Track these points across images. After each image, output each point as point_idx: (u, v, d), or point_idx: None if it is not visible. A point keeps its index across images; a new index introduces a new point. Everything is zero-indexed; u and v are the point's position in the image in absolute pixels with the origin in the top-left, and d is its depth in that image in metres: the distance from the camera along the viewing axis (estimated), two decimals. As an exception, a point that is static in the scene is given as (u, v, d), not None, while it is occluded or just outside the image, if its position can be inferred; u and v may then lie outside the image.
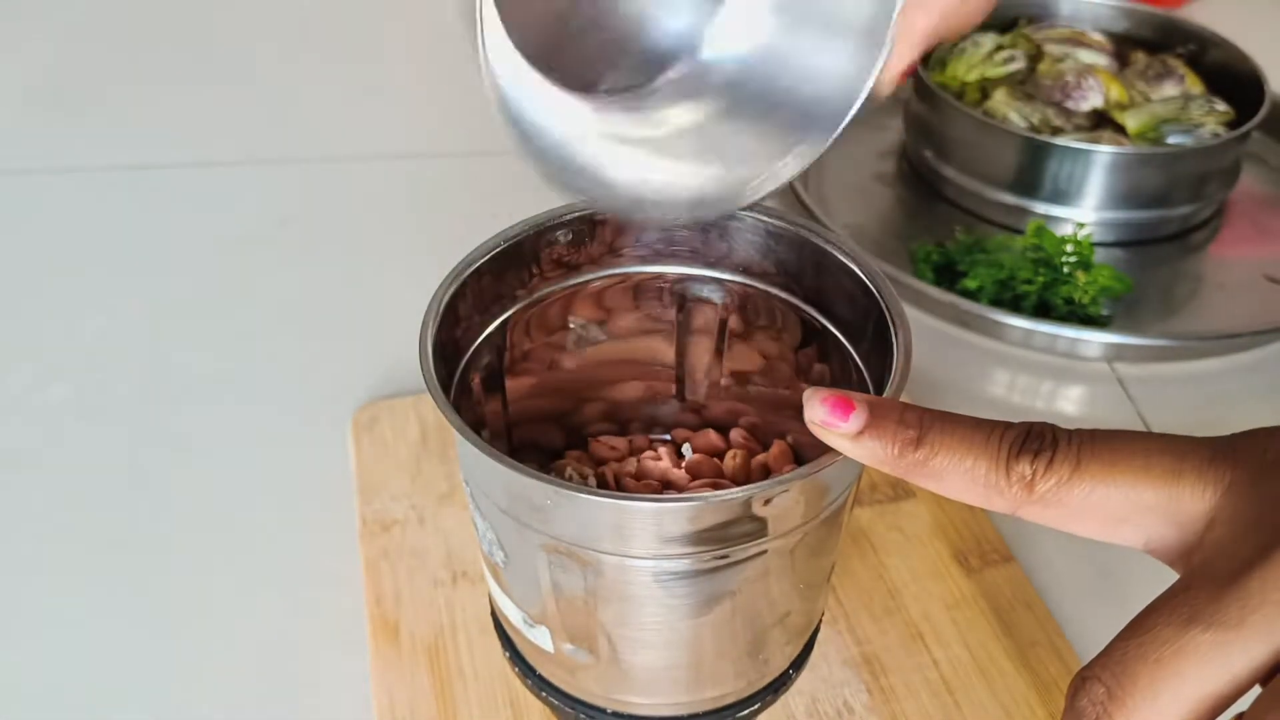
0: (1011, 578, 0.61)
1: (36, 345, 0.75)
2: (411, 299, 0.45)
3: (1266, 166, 0.96)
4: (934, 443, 0.34)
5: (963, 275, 0.79)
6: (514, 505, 0.41)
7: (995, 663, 0.56)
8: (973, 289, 0.77)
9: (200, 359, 0.74)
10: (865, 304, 0.46)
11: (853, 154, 0.96)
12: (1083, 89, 0.87)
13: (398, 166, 0.93)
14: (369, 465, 0.65)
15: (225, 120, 0.98)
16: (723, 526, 0.39)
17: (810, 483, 0.40)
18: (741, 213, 0.49)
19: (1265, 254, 0.87)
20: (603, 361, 0.53)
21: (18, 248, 0.83)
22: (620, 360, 0.54)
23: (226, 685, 0.56)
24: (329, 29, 1.11)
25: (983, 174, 0.86)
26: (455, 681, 0.55)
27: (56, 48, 1.06)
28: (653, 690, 0.45)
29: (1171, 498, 0.32)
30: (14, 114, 0.97)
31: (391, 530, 0.62)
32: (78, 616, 0.59)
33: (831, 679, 0.55)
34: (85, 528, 0.63)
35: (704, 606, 0.42)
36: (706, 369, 0.55)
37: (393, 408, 0.68)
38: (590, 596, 0.42)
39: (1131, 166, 0.82)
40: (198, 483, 0.66)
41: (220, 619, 0.59)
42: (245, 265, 0.82)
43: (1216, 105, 0.86)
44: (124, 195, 0.88)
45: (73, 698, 0.55)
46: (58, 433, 0.69)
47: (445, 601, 0.58)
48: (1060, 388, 0.76)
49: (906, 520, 0.63)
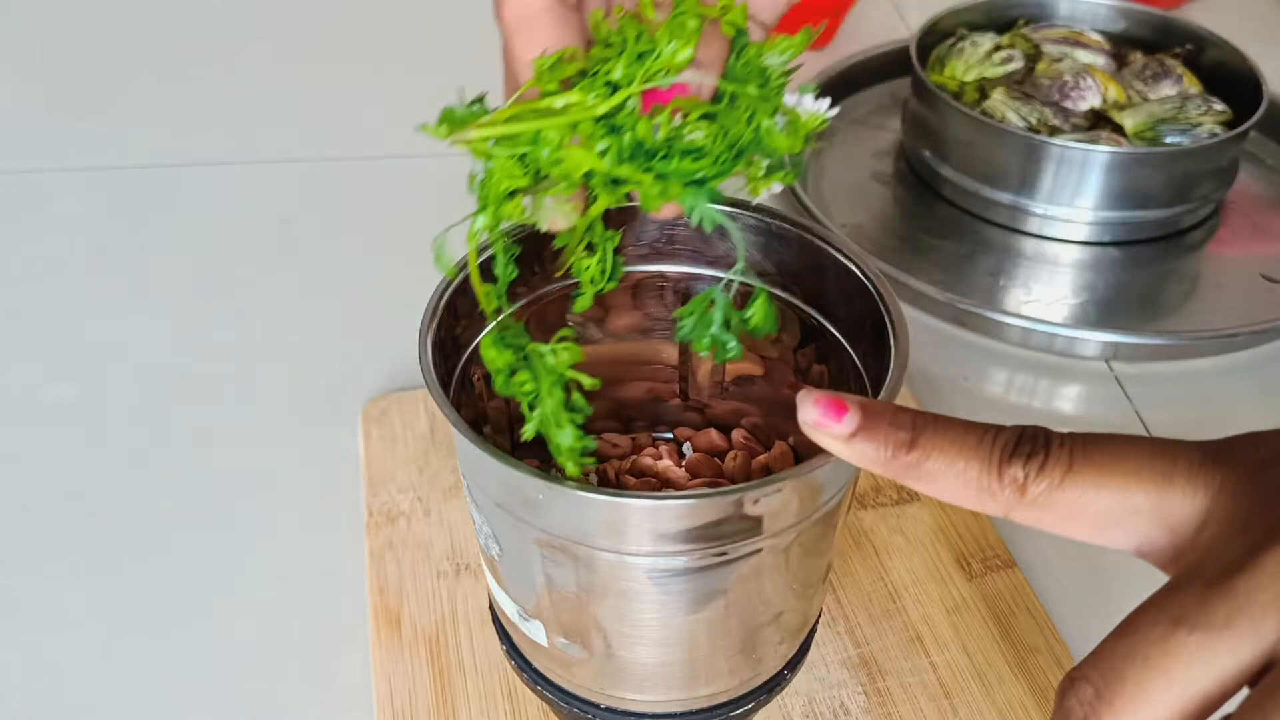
0: (1013, 583, 0.61)
1: (38, 345, 0.75)
2: (418, 295, 0.46)
3: (1264, 166, 0.96)
4: (926, 445, 0.34)
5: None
6: (508, 499, 0.41)
7: (994, 668, 0.56)
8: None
9: (203, 357, 0.74)
10: (864, 304, 0.47)
11: (851, 154, 0.96)
12: (1080, 89, 0.88)
13: (398, 166, 0.93)
14: (377, 457, 0.65)
15: (225, 120, 0.98)
16: (716, 525, 0.39)
17: (803, 482, 0.40)
18: (742, 213, 0.49)
19: (1262, 253, 0.87)
20: (606, 360, 0.54)
21: (18, 248, 0.83)
22: (624, 359, 0.54)
23: (229, 674, 0.56)
24: (329, 29, 1.11)
25: (981, 174, 0.86)
26: (455, 673, 0.55)
27: (56, 48, 1.06)
28: (647, 687, 0.46)
29: (1162, 500, 0.32)
30: (14, 114, 0.97)
31: (397, 522, 0.62)
32: (78, 614, 0.59)
33: (829, 680, 0.56)
34: (88, 525, 0.63)
35: (697, 603, 0.42)
36: (708, 369, 0.55)
37: (403, 401, 0.69)
38: (583, 592, 0.42)
39: (1129, 166, 0.83)
40: (201, 478, 0.66)
41: (223, 611, 0.59)
42: (246, 264, 0.82)
43: (1214, 105, 0.86)
44: (124, 195, 0.88)
45: (72, 697, 0.55)
46: (60, 431, 0.69)
47: (448, 593, 0.59)
48: (1058, 386, 0.76)
49: (909, 523, 0.63)
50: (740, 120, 0.39)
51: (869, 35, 1.10)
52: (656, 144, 0.38)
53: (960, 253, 0.86)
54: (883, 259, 0.83)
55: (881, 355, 0.44)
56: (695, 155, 0.38)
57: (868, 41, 1.07)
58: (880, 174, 0.95)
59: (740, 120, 0.39)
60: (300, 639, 0.58)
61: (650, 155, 0.38)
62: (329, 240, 0.85)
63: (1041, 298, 0.82)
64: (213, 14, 1.13)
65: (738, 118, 0.39)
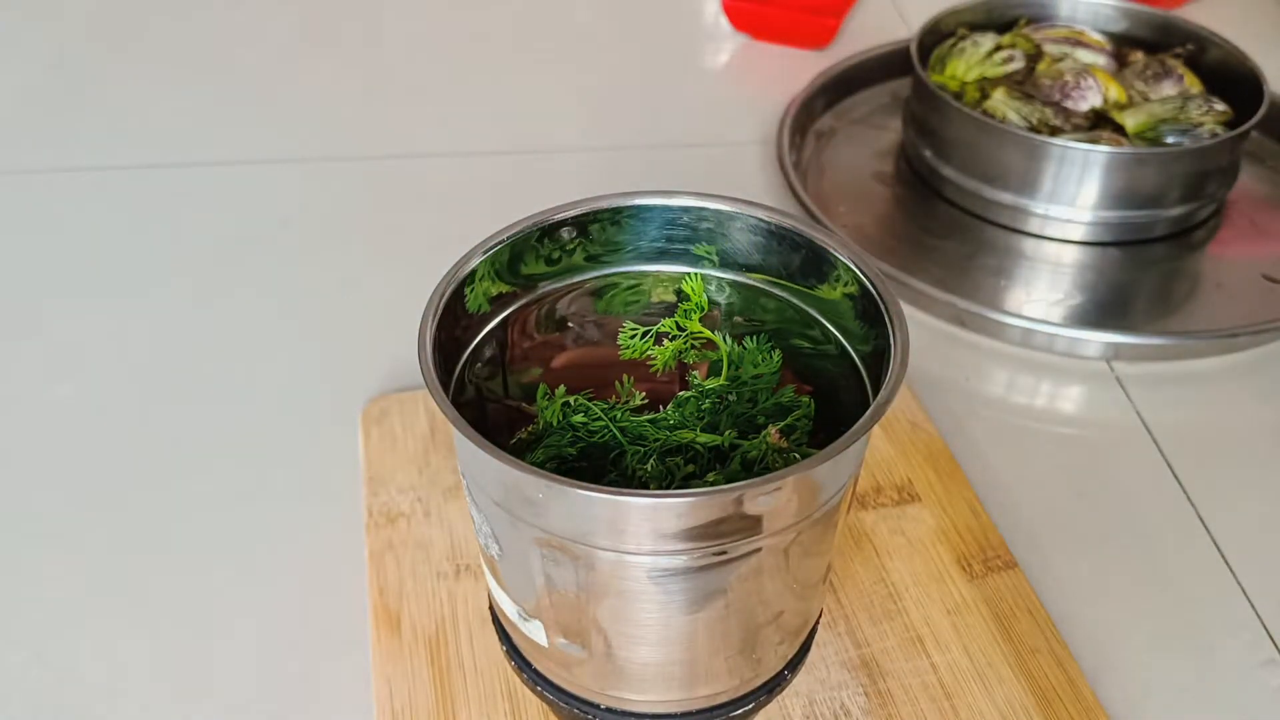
0: (1014, 584, 0.60)
1: (39, 345, 0.75)
2: (418, 295, 0.46)
3: (1265, 166, 0.96)
4: None
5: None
6: (508, 498, 0.41)
7: (994, 669, 0.56)
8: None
9: (202, 357, 0.74)
10: (864, 304, 0.47)
11: (852, 154, 0.96)
12: (1081, 89, 0.88)
13: (398, 166, 0.93)
14: (377, 458, 0.65)
15: (225, 120, 0.98)
16: (715, 523, 0.39)
17: (803, 481, 0.40)
18: (742, 213, 0.49)
19: (1263, 253, 0.87)
20: (606, 361, 0.54)
21: (18, 248, 0.83)
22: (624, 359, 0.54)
23: (229, 674, 0.56)
24: (329, 29, 1.11)
25: (982, 174, 0.86)
26: (455, 673, 0.55)
27: (56, 48, 1.06)
28: (646, 687, 0.46)
29: None
30: (14, 114, 0.97)
31: (397, 522, 0.62)
32: (78, 613, 0.59)
33: (829, 681, 0.56)
34: (88, 525, 0.63)
35: (697, 603, 0.42)
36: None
37: (402, 402, 0.69)
38: (583, 591, 0.42)
39: (1130, 166, 0.83)
40: (201, 478, 0.66)
41: (223, 611, 0.59)
42: (246, 264, 0.82)
43: (1215, 105, 0.86)
44: (124, 195, 0.88)
45: (72, 697, 0.55)
46: (60, 431, 0.69)
47: (448, 594, 0.59)
48: (1059, 387, 0.76)
49: (910, 524, 0.63)
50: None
51: (869, 35, 1.10)
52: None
53: (961, 253, 0.85)
54: (883, 259, 0.83)
55: (881, 355, 0.44)
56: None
57: (868, 41, 1.07)
58: (881, 174, 0.95)
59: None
60: (300, 639, 0.58)
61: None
62: (329, 240, 0.85)
63: (1042, 298, 0.82)
64: (213, 14, 1.13)
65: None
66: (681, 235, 0.51)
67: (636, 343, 0.51)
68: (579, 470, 0.49)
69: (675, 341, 0.51)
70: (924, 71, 0.89)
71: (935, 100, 0.87)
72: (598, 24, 1.14)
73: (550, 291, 0.51)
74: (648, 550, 0.40)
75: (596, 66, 1.07)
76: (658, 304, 0.53)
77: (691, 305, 0.51)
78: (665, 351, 0.51)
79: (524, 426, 0.50)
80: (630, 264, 0.52)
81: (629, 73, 1.07)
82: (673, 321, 0.51)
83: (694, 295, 0.51)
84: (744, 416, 0.50)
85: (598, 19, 1.15)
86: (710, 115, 1.02)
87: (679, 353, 0.51)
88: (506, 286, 0.49)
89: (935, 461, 0.67)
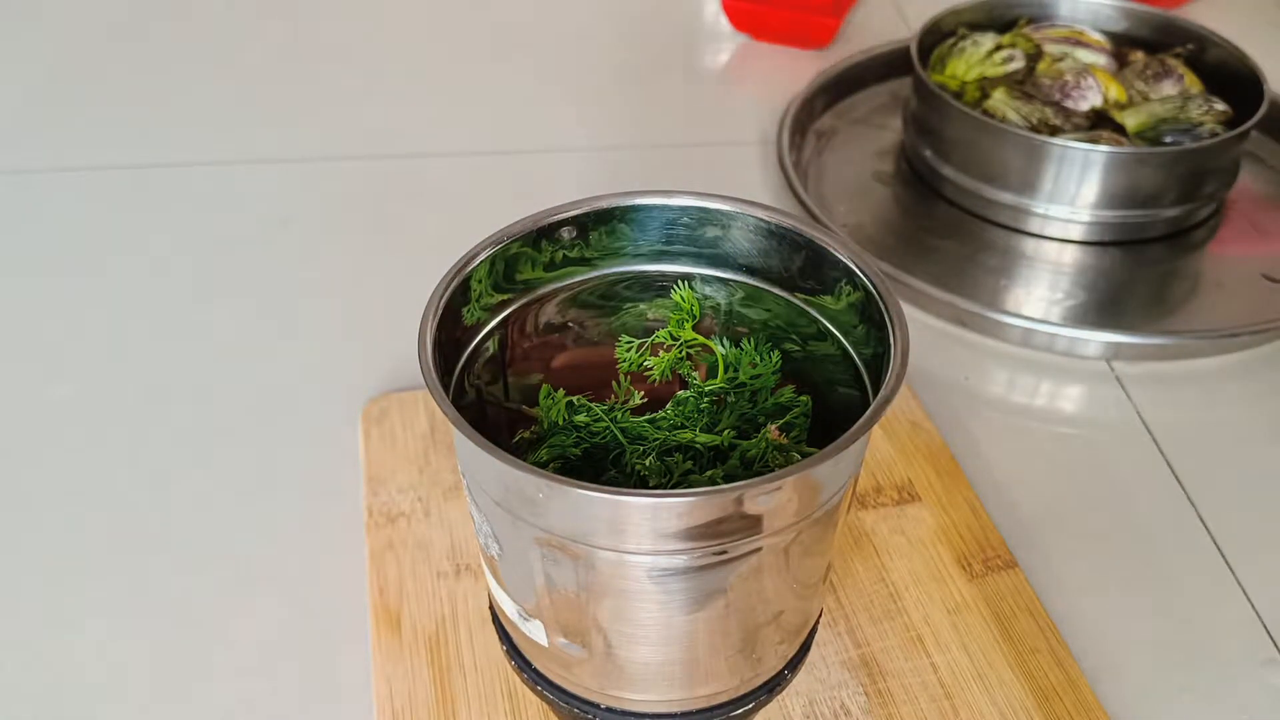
0: (1014, 584, 0.61)
1: (38, 345, 0.75)
2: (418, 295, 0.46)
3: (1265, 166, 0.96)
4: None
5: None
6: (508, 498, 0.41)
7: (994, 668, 0.56)
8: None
9: (202, 357, 0.74)
10: (865, 303, 0.47)
11: (852, 154, 0.96)
12: (1081, 88, 0.88)
13: (398, 166, 0.93)
14: (377, 458, 0.65)
15: (225, 120, 0.98)
16: (715, 523, 0.39)
17: (803, 480, 0.40)
18: (742, 212, 0.49)
19: (1264, 253, 0.87)
20: (605, 361, 0.54)
21: (18, 248, 0.83)
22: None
23: (229, 674, 0.56)
24: (328, 29, 1.11)
25: (982, 173, 0.86)
26: (455, 673, 0.55)
27: (56, 48, 1.06)
28: (647, 686, 0.46)
29: None
30: (14, 114, 0.97)
31: (397, 522, 0.62)
32: (78, 613, 0.59)
33: (829, 681, 0.56)
34: (88, 525, 0.63)
35: (697, 603, 0.42)
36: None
37: (402, 401, 0.69)
38: (583, 591, 0.42)
39: (1130, 166, 0.83)
40: (201, 478, 0.66)
41: (223, 611, 0.59)
42: (246, 264, 0.82)
43: (1215, 104, 0.86)
44: (124, 195, 0.88)
45: (73, 697, 0.55)
46: (60, 431, 0.69)
47: (448, 593, 0.59)
48: (1059, 387, 0.76)
49: (910, 524, 0.63)
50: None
51: (869, 35, 1.10)
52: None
53: (961, 252, 0.85)
54: (883, 259, 0.83)
55: (881, 355, 0.44)
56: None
57: (868, 41, 1.07)
58: (881, 174, 0.95)
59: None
60: (300, 639, 0.58)
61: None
62: (329, 240, 0.85)
63: (1042, 297, 0.82)
64: (213, 13, 1.13)
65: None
66: (681, 235, 0.51)
67: (633, 355, 0.51)
68: (579, 470, 0.49)
69: (670, 352, 0.51)
70: (924, 71, 0.89)
71: (935, 100, 0.87)
72: (598, 24, 1.14)
73: (550, 292, 0.51)
74: (648, 550, 0.40)
75: (597, 66, 1.07)
76: (657, 308, 0.53)
77: (684, 314, 0.51)
78: (661, 362, 0.51)
79: (524, 427, 0.50)
80: (630, 264, 0.52)
81: (629, 73, 1.07)
82: (667, 332, 0.52)
83: (684, 304, 0.51)
84: (744, 416, 0.50)
85: (598, 19, 1.15)
86: (710, 115, 1.02)
87: (675, 362, 0.52)
88: (506, 286, 0.49)
89: (935, 461, 0.67)
